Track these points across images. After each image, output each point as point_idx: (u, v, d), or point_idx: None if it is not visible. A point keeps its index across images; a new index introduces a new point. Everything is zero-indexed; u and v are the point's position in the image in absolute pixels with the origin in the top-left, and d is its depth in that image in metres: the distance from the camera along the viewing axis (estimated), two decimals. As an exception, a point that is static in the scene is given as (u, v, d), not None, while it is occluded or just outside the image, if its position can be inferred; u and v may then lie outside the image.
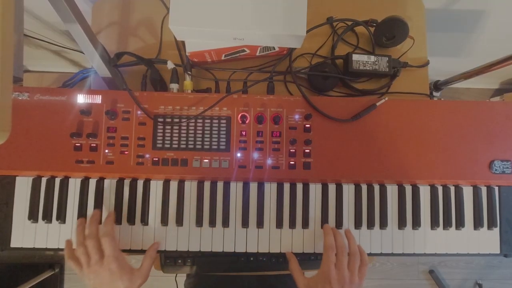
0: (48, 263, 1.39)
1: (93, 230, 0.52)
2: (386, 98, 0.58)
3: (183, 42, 0.64)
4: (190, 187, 0.59)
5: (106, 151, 0.56)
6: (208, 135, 0.57)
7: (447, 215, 0.60)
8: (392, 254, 0.60)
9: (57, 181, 0.58)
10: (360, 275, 0.52)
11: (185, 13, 0.54)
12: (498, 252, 0.60)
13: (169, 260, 0.66)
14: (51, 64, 1.18)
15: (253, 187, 0.59)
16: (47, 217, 0.57)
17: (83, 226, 0.54)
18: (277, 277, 0.73)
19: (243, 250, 0.58)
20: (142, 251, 0.58)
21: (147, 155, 0.56)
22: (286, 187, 0.60)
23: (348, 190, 0.60)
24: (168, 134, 0.56)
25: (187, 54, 0.62)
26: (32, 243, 0.57)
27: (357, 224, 0.59)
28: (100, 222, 0.56)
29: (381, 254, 0.60)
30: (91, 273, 0.50)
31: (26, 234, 0.57)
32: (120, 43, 0.69)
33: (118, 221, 0.58)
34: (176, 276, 0.82)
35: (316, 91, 0.67)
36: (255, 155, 0.57)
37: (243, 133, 0.57)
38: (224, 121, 0.57)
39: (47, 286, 1.37)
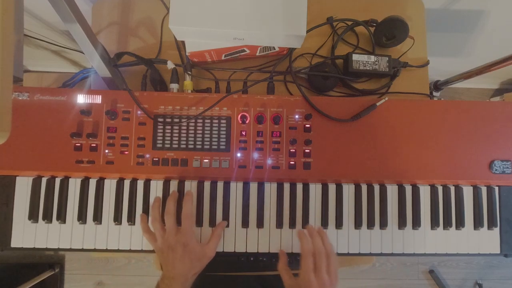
0: (48, 263, 1.39)
1: (172, 207, 0.54)
2: (386, 98, 0.58)
3: (183, 42, 0.64)
4: (190, 187, 0.59)
5: (106, 151, 0.56)
6: (208, 135, 0.57)
7: (447, 215, 0.60)
8: (392, 254, 0.60)
9: (57, 181, 0.58)
10: (335, 273, 0.52)
11: (185, 13, 0.54)
12: (498, 252, 0.60)
13: (169, 260, 0.65)
14: (51, 64, 1.18)
15: (253, 187, 0.59)
16: (47, 217, 0.57)
17: (160, 202, 0.56)
18: (277, 277, 0.73)
19: (243, 250, 0.58)
20: (142, 251, 0.58)
21: (147, 155, 0.56)
22: (286, 187, 0.60)
23: (348, 190, 0.60)
24: (168, 134, 0.56)
25: (187, 54, 0.62)
26: (32, 243, 0.57)
27: (357, 224, 0.59)
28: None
29: (381, 254, 0.60)
30: (165, 246, 0.52)
31: (26, 234, 0.57)
32: (120, 43, 0.69)
33: (118, 221, 0.58)
34: (176, 276, 0.82)
35: (316, 91, 0.67)
36: (255, 155, 0.57)
37: (243, 133, 0.57)
38: (224, 121, 0.57)
39: (47, 286, 1.37)
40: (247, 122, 0.57)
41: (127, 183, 0.59)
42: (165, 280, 0.52)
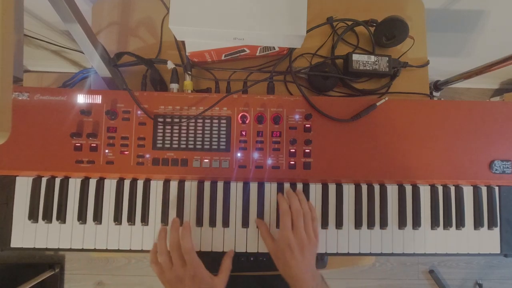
0: (48, 263, 1.39)
1: (175, 240, 0.54)
2: (386, 98, 0.58)
3: (183, 42, 0.64)
4: (190, 187, 0.59)
5: (106, 151, 0.56)
6: (208, 135, 0.57)
7: (447, 215, 0.60)
8: (392, 254, 0.60)
9: (57, 181, 0.58)
10: (315, 233, 0.55)
11: (185, 13, 0.54)
12: (498, 252, 0.60)
13: (169, 260, 0.65)
14: (51, 64, 1.18)
15: (253, 187, 0.59)
16: (47, 217, 0.57)
17: (165, 233, 0.56)
18: (277, 277, 0.73)
19: (243, 250, 0.58)
20: (142, 251, 0.58)
21: (147, 155, 0.56)
22: (286, 187, 0.60)
23: (348, 190, 0.60)
24: (168, 134, 0.56)
25: (187, 54, 0.62)
26: (32, 243, 0.57)
27: (357, 224, 0.59)
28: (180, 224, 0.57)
29: (381, 254, 0.60)
30: (174, 278, 0.52)
31: (26, 234, 0.57)
32: (120, 43, 0.69)
33: (118, 221, 0.58)
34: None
35: (316, 91, 0.67)
36: (255, 155, 0.57)
37: (243, 133, 0.57)
38: (224, 121, 0.57)
39: (47, 286, 1.37)
40: (247, 122, 0.57)
41: (127, 183, 0.59)
42: None
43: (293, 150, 0.57)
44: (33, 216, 0.57)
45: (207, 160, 0.56)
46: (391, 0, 0.72)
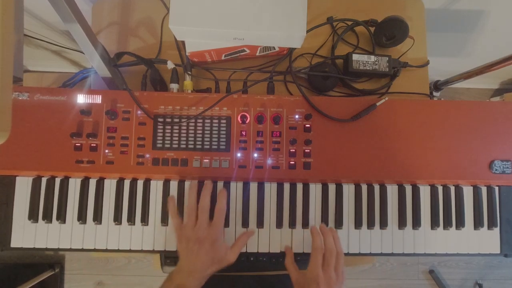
0: (48, 263, 1.39)
1: (207, 201, 0.54)
2: (386, 98, 0.58)
3: (183, 42, 0.64)
4: (190, 187, 0.59)
5: (106, 151, 0.56)
6: (208, 135, 0.57)
7: (447, 215, 0.60)
8: (392, 254, 0.60)
9: (57, 181, 0.58)
10: (343, 276, 0.53)
11: (185, 13, 0.54)
12: (498, 252, 0.60)
13: (169, 260, 0.65)
14: (51, 64, 1.18)
15: (253, 187, 0.59)
16: (47, 217, 0.57)
17: (197, 189, 0.55)
18: (277, 277, 0.73)
19: (243, 250, 0.58)
20: (142, 251, 0.58)
21: (147, 155, 0.56)
22: (286, 187, 0.60)
23: (348, 190, 0.60)
24: (168, 134, 0.56)
25: (187, 54, 0.62)
26: (32, 243, 0.57)
27: (357, 224, 0.59)
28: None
29: (381, 254, 0.60)
30: (194, 237, 0.51)
31: (26, 234, 0.57)
32: (120, 43, 0.69)
33: (118, 221, 0.58)
34: (176, 276, 0.82)
35: (316, 91, 0.67)
36: (255, 155, 0.57)
37: (243, 133, 0.57)
38: (224, 121, 0.57)
39: (47, 286, 1.37)
40: (247, 122, 0.57)
41: (127, 183, 0.59)
42: (181, 273, 0.51)
43: (293, 150, 0.57)
44: (33, 216, 0.57)
45: (207, 160, 0.56)
46: (391, 0, 0.72)
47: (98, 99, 0.56)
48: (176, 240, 0.54)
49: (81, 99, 0.56)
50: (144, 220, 0.58)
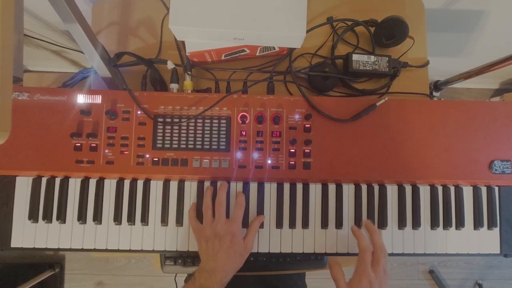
0: (48, 263, 1.39)
1: (223, 197, 0.55)
2: (386, 98, 0.58)
3: (183, 42, 0.64)
4: (190, 187, 0.59)
5: (106, 151, 0.56)
6: (208, 135, 0.57)
7: (447, 215, 0.60)
8: (392, 254, 0.60)
9: (57, 181, 0.58)
10: (389, 275, 0.53)
11: (185, 13, 0.54)
12: (498, 252, 0.60)
13: (169, 260, 0.65)
14: (51, 64, 1.18)
15: (253, 187, 0.59)
16: (47, 217, 0.57)
17: (212, 191, 0.56)
18: (277, 277, 0.73)
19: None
20: (142, 251, 0.58)
21: (147, 155, 0.56)
22: (286, 187, 0.60)
23: (348, 190, 0.60)
24: (168, 134, 0.56)
25: (187, 54, 0.62)
26: (32, 243, 0.57)
27: (357, 224, 0.59)
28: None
29: (381, 254, 0.60)
30: (213, 234, 0.52)
31: (26, 234, 0.57)
32: (120, 43, 0.69)
33: (118, 221, 0.58)
34: (175, 276, 0.82)
35: (316, 91, 0.67)
36: (255, 155, 0.57)
37: (243, 133, 0.57)
38: (224, 121, 0.57)
39: (47, 286, 1.37)
40: (247, 122, 0.57)
41: (127, 183, 0.59)
42: (204, 273, 0.50)
43: (293, 150, 0.57)
44: (33, 216, 0.57)
45: (207, 160, 0.56)
46: (391, 0, 0.72)
47: (98, 99, 0.56)
48: (196, 243, 0.55)
49: (81, 99, 0.56)
50: (144, 220, 0.58)
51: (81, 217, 0.57)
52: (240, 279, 0.72)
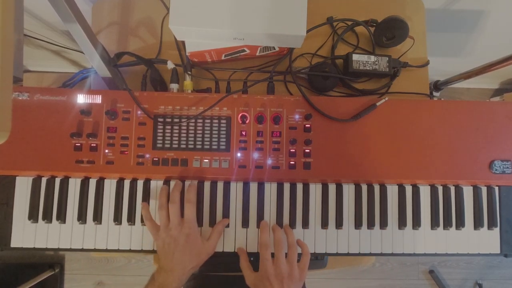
0: (48, 263, 1.39)
1: (177, 196, 0.54)
2: (386, 98, 0.58)
3: (183, 42, 0.64)
4: (190, 187, 0.59)
5: (106, 151, 0.56)
6: (208, 135, 0.57)
7: (447, 215, 0.60)
8: (392, 254, 0.60)
9: (57, 181, 0.58)
10: (302, 267, 0.53)
11: (185, 13, 0.54)
12: (498, 252, 0.60)
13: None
14: (51, 64, 1.18)
15: (253, 187, 0.59)
16: (47, 217, 0.57)
17: (167, 191, 0.56)
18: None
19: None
20: (142, 251, 0.58)
21: (147, 155, 0.56)
22: (286, 187, 0.60)
23: (348, 190, 0.60)
24: (168, 134, 0.56)
25: (187, 54, 0.62)
26: (32, 243, 0.57)
27: (357, 224, 0.59)
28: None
29: (381, 254, 0.60)
30: (168, 237, 0.52)
31: (26, 234, 0.57)
32: (120, 43, 0.69)
33: (118, 221, 0.58)
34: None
35: (316, 91, 0.67)
36: (255, 155, 0.57)
37: (243, 133, 0.57)
38: (224, 121, 0.57)
39: (47, 286, 1.37)
40: (247, 122, 0.57)
41: (127, 183, 0.59)
42: (162, 272, 0.51)
43: (293, 150, 0.57)
44: (33, 216, 0.57)
45: (207, 160, 0.56)
46: (391, 0, 0.72)
47: (98, 99, 0.56)
48: (154, 242, 0.55)
49: (81, 99, 0.56)
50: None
51: (81, 217, 0.57)
52: (240, 279, 0.72)
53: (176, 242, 0.52)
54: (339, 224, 0.59)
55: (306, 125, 0.58)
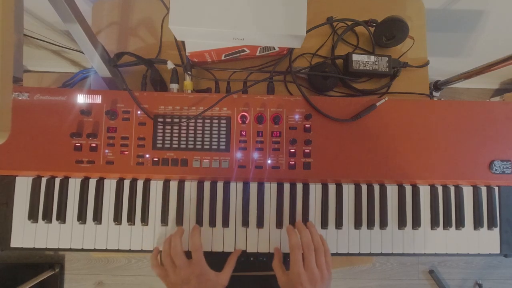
0: (48, 263, 1.39)
1: (178, 245, 0.54)
2: (386, 98, 0.58)
3: (183, 42, 0.64)
4: (190, 187, 0.59)
5: (106, 151, 0.56)
6: (208, 135, 0.57)
7: (447, 215, 0.60)
8: (392, 254, 0.60)
9: (57, 181, 0.58)
10: (328, 267, 0.53)
11: (185, 13, 0.54)
12: (498, 252, 0.60)
13: (169, 260, 0.65)
14: (51, 64, 1.18)
15: (253, 187, 0.59)
16: (47, 217, 0.57)
17: (170, 239, 0.55)
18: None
19: (243, 249, 0.58)
20: (142, 251, 0.58)
21: (147, 155, 0.56)
22: (286, 187, 0.60)
23: (348, 190, 0.60)
24: (168, 134, 0.56)
25: (187, 54, 0.62)
26: (32, 243, 0.57)
27: (357, 224, 0.59)
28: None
29: (381, 254, 0.60)
30: (179, 279, 0.51)
31: (26, 234, 0.57)
32: (120, 43, 0.69)
33: (118, 221, 0.58)
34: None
35: (316, 91, 0.67)
36: (255, 155, 0.57)
37: (243, 133, 0.57)
38: (224, 121, 0.57)
39: (47, 286, 1.37)
40: (247, 122, 0.57)
41: (127, 183, 0.59)
42: None
43: (293, 150, 0.57)
44: (33, 216, 0.57)
45: (207, 160, 0.56)
46: (391, 0, 0.72)
47: (98, 99, 0.56)
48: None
49: (81, 99, 0.56)
50: (144, 220, 0.58)
51: (81, 217, 0.57)
52: (240, 279, 0.72)
53: (188, 283, 0.51)
54: (339, 224, 0.59)
55: (306, 125, 0.58)
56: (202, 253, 0.54)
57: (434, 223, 0.60)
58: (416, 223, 0.59)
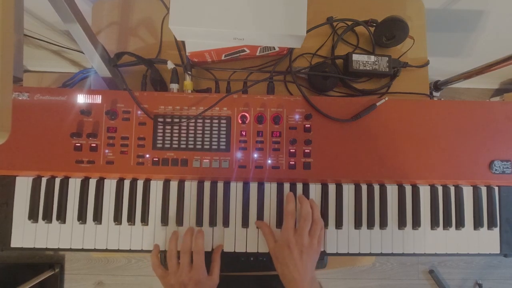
0: (48, 263, 1.39)
1: (188, 243, 0.55)
2: (386, 98, 0.58)
3: (183, 42, 0.64)
4: (190, 187, 0.59)
5: (106, 151, 0.56)
6: (208, 135, 0.57)
7: (447, 215, 0.60)
8: (392, 254, 0.60)
9: (57, 181, 0.58)
10: (319, 240, 0.54)
11: (185, 13, 0.54)
12: (498, 252, 0.60)
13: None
14: (51, 64, 1.18)
15: (253, 187, 0.59)
16: (47, 217, 0.57)
17: (177, 236, 0.57)
18: (277, 277, 0.73)
19: (243, 250, 0.58)
20: (142, 251, 0.58)
21: (147, 155, 0.56)
22: (286, 187, 0.60)
23: (348, 190, 0.60)
24: (168, 134, 0.56)
25: (187, 54, 0.62)
26: (32, 243, 0.57)
27: (357, 224, 0.59)
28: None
29: (381, 254, 0.60)
30: (177, 283, 0.52)
31: (26, 234, 0.57)
32: (120, 43, 0.69)
33: (118, 221, 0.58)
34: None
35: (316, 91, 0.67)
36: (255, 155, 0.57)
37: (243, 133, 0.57)
38: (224, 121, 0.57)
39: (47, 286, 1.37)
40: (247, 122, 0.57)
41: (127, 183, 0.59)
42: None
43: (293, 150, 0.57)
44: (33, 216, 0.57)
45: (207, 160, 0.56)
46: (391, 0, 0.72)
47: (98, 99, 0.56)
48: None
49: (81, 99, 0.56)
50: (144, 220, 0.58)
51: (81, 217, 0.57)
52: (240, 279, 0.72)
53: None
54: (339, 224, 0.59)
55: (306, 125, 0.58)
56: (203, 257, 0.55)
57: (434, 223, 0.60)
58: (416, 223, 0.59)
